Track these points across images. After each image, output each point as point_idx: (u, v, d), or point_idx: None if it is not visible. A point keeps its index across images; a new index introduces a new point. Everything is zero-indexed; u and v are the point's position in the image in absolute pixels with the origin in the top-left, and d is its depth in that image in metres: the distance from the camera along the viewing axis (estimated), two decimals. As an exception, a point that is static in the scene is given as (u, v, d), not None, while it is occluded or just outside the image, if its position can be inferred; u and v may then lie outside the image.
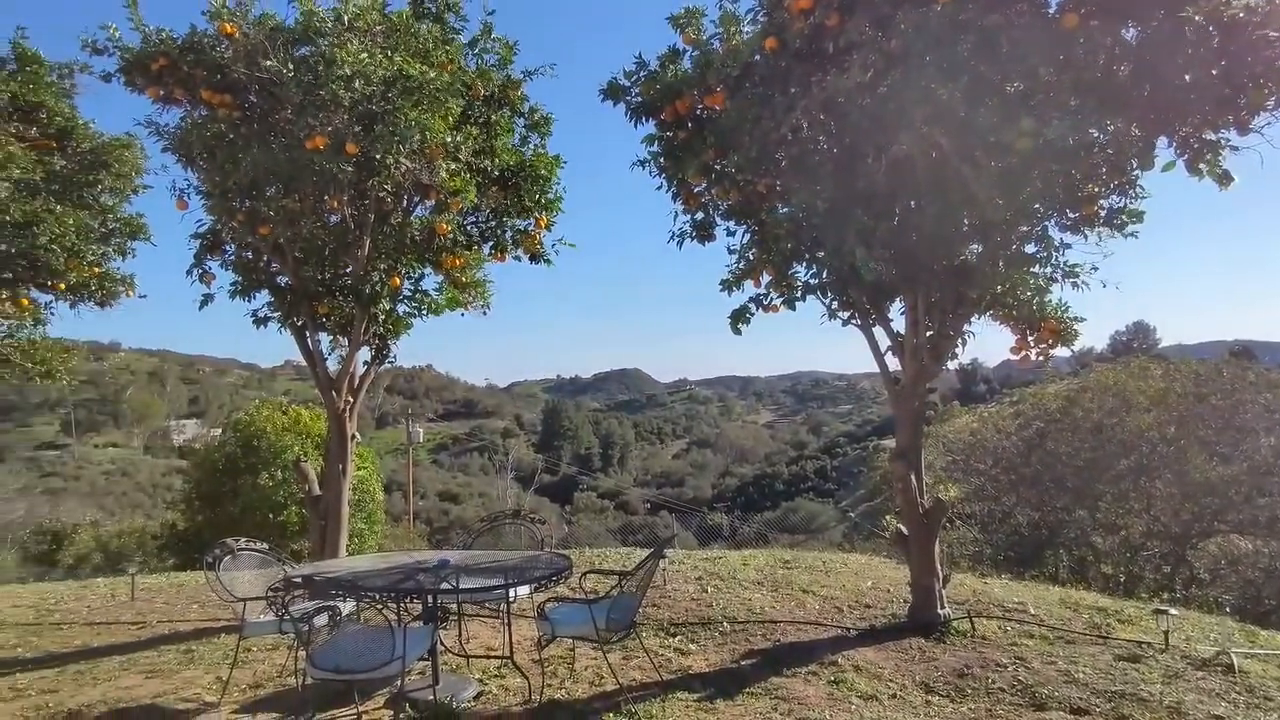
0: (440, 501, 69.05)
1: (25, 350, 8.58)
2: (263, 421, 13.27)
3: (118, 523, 23.08)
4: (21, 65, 7.57)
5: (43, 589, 9.59)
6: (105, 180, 8.01)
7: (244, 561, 5.34)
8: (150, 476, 70.09)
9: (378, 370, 7.37)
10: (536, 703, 4.54)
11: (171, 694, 5.01)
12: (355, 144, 5.35)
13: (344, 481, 6.81)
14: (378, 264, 6.64)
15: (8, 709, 4.80)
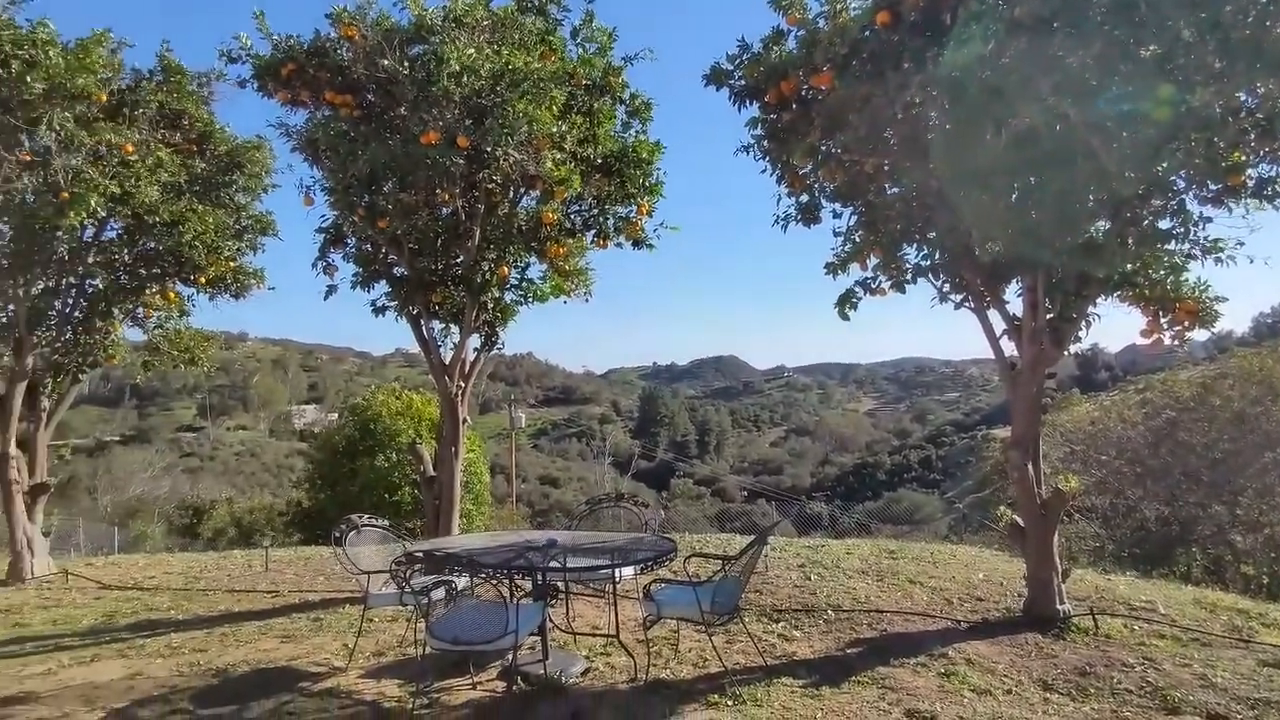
0: (540, 485, 70.87)
1: (173, 339, 9.37)
2: (378, 406, 13.99)
3: (249, 500, 24.94)
4: (167, 76, 8.21)
5: (188, 558, 10.48)
6: (239, 180, 8.62)
7: (366, 537, 5.67)
8: (275, 457, 75.06)
9: (487, 356, 7.63)
10: (642, 681, 4.62)
11: (304, 658, 5.39)
12: (466, 137, 5.55)
13: (456, 463, 7.10)
14: (487, 254, 6.87)
15: (166, 664, 5.30)
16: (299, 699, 4.59)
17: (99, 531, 21.73)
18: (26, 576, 8.15)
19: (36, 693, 4.80)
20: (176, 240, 8.11)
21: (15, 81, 7.08)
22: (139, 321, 9.35)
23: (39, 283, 8.18)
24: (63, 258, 8.12)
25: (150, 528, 23.98)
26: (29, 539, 8.26)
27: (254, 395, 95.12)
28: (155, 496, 29.08)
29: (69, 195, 7.22)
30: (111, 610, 6.96)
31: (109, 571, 8.85)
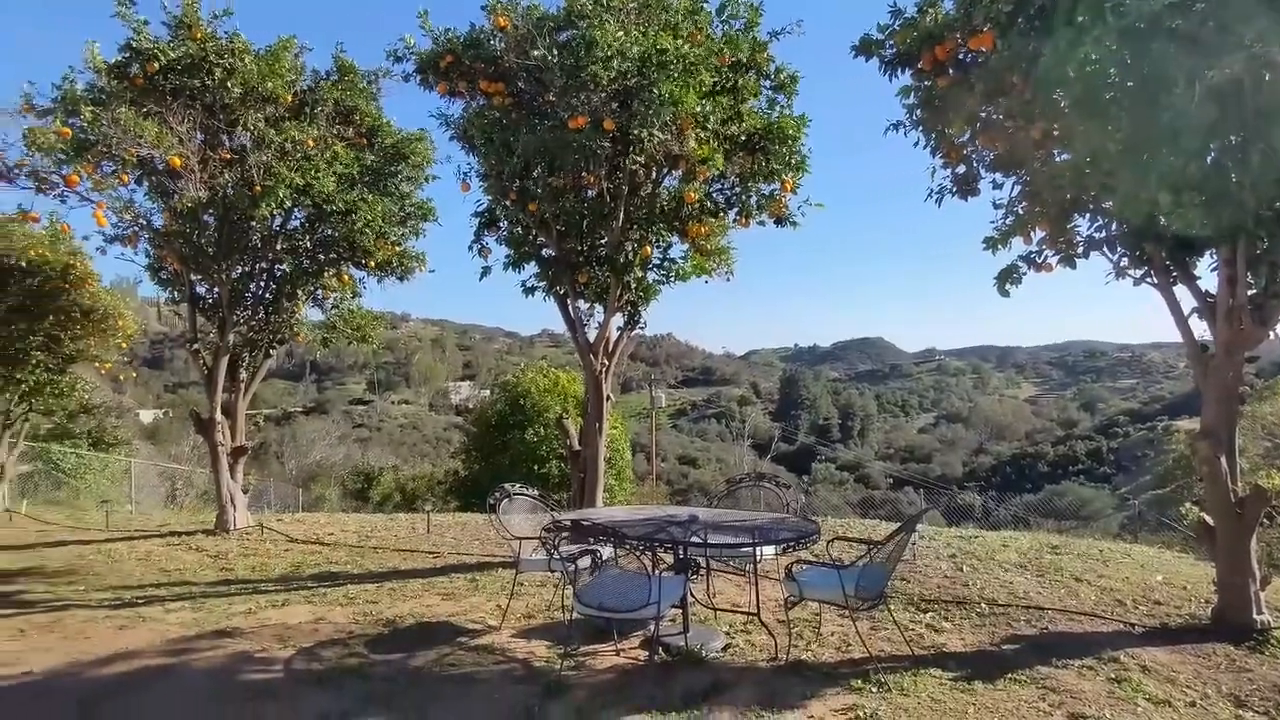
0: (679, 464, 71.58)
1: (347, 318, 10.23)
2: (528, 383, 14.66)
3: (411, 468, 26.92)
4: (341, 76, 8.91)
5: (361, 519, 11.47)
6: (404, 170, 9.22)
7: (518, 505, 5.98)
8: (434, 430, 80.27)
9: (630, 335, 7.79)
10: (783, 660, 4.61)
11: (462, 615, 5.77)
12: (612, 120, 5.65)
13: (601, 438, 7.33)
14: (630, 234, 6.99)
15: (344, 612, 5.85)
16: (458, 652, 4.93)
17: (285, 491, 24.26)
18: (230, 528, 9.24)
19: (241, 629, 5.46)
20: (350, 227, 8.83)
21: (218, 88, 7.94)
22: (318, 302, 10.29)
23: (237, 268, 9.17)
24: (256, 245, 9.04)
25: (328, 490, 26.47)
26: (232, 495, 9.36)
27: (415, 372, 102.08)
28: (332, 462, 32.03)
29: (261, 189, 8.05)
30: (299, 561, 7.77)
31: (295, 527, 9.86)
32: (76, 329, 11.16)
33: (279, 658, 4.84)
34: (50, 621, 5.72)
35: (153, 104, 7.66)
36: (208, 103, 8.10)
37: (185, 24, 7.81)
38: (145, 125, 7.30)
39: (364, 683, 4.39)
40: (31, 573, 7.54)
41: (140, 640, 5.25)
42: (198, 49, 7.77)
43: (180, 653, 4.99)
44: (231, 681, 4.48)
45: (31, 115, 7.71)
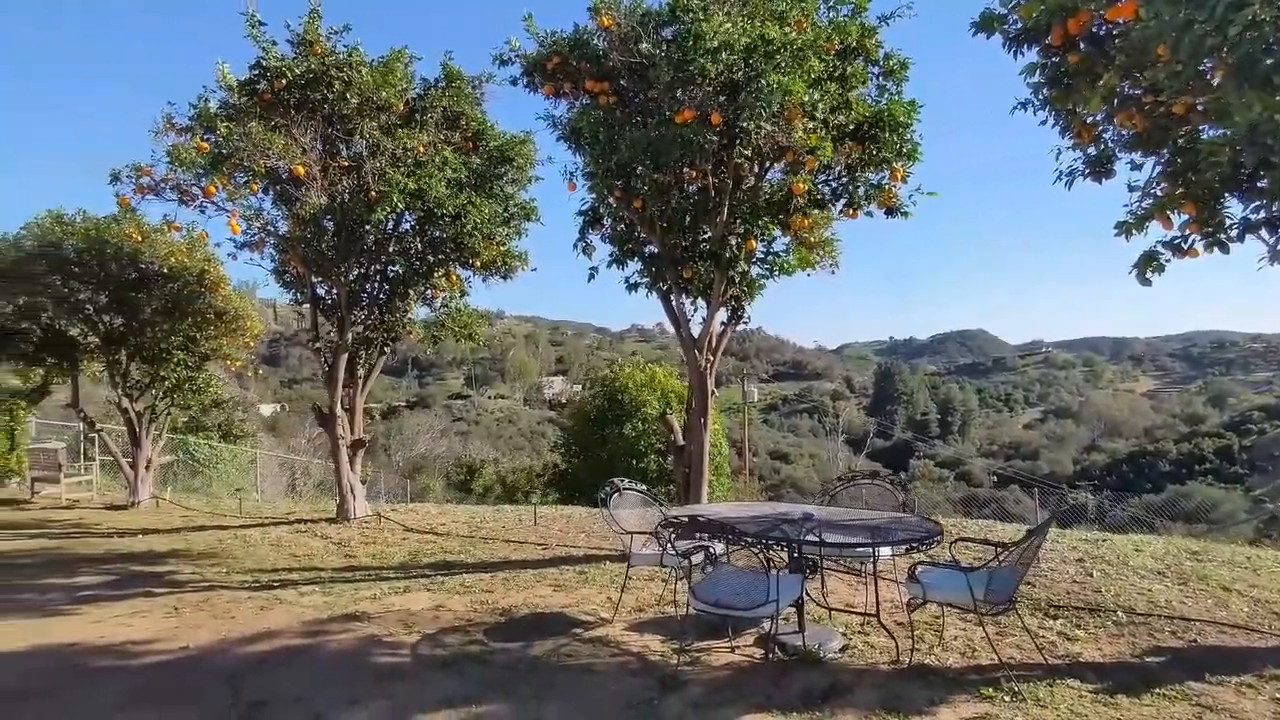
0: (771, 460, 70.77)
1: (454, 317, 10.58)
2: (625, 379, 14.79)
3: (511, 461, 27.66)
4: (449, 82, 9.19)
5: (469, 510, 11.86)
6: (509, 173, 9.44)
7: (628, 500, 6.04)
8: (528, 424, 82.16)
9: (734, 330, 7.74)
10: (905, 664, 4.47)
11: (574, 606, 5.88)
12: (719, 113, 5.61)
13: (706, 434, 7.31)
14: (734, 228, 6.93)
15: (462, 600, 6.06)
16: (573, 643, 5.02)
17: (393, 482, 25.38)
18: (351, 516, 9.73)
19: (368, 613, 5.73)
20: (458, 229, 9.11)
21: (337, 100, 8.34)
22: (428, 302, 10.70)
23: (355, 270, 9.62)
24: (371, 248, 9.46)
25: (432, 481, 27.52)
26: (352, 485, 9.86)
27: (510, 367, 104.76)
28: (435, 455, 33.29)
29: (377, 194, 8.41)
30: (415, 550, 8.10)
31: (409, 517, 10.29)
32: (211, 329, 12.01)
33: (405, 642, 5.06)
34: (199, 601, 6.18)
35: (279, 117, 8.13)
36: (327, 114, 8.53)
37: (307, 41, 8.23)
38: (273, 138, 7.75)
39: (486, 669, 4.53)
40: (179, 555, 8.17)
41: (279, 621, 5.59)
42: (319, 64, 8.18)
43: (315, 634, 5.28)
44: (363, 663, 4.71)
45: (173, 133, 8.33)
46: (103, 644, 5.14)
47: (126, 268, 10.84)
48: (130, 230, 10.79)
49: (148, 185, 8.25)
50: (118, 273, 10.80)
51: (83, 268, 10.60)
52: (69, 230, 10.81)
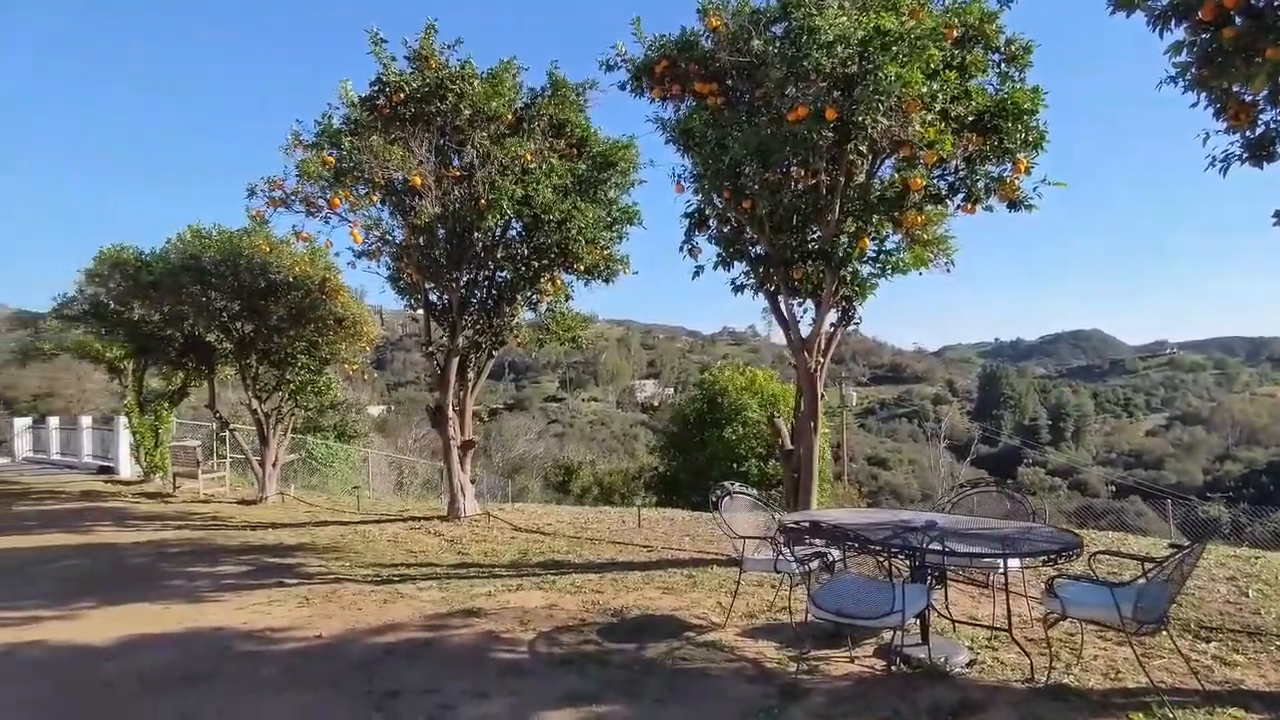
0: (868, 465, 68.75)
1: (559, 320, 10.78)
2: (725, 381, 14.69)
3: (607, 463, 27.95)
4: (555, 90, 9.38)
5: (572, 510, 12.06)
6: (613, 177, 9.55)
7: (738, 504, 5.96)
8: (621, 427, 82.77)
9: (844, 332, 7.55)
10: (1041, 683, 4.23)
11: (684, 610, 5.86)
12: (834, 109, 5.49)
13: (815, 437, 7.16)
14: (845, 227, 6.76)
15: (574, 599, 6.14)
16: (687, 646, 5.00)
17: (494, 482, 26.10)
18: (461, 515, 10.06)
19: (484, 609, 5.89)
20: (564, 234, 9.29)
21: (450, 112, 8.65)
22: (533, 306, 10.94)
23: (465, 276, 9.95)
24: (480, 254, 9.76)
25: (530, 482, 28.15)
26: (462, 485, 10.18)
27: (603, 370, 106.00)
28: (533, 456, 34.04)
29: (487, 202, 8.66)
30: (524, 549, 8.28)
31: (516, 516, 10.55)
32: (331, 335, 12.68)
33: (522, 639, 5.16)
34: (328, 592, 6.51)
35: (397, 130, 8.50)
36: (440, 125, 8.86)
37: (423, 56, 8.58)
38: (392, 150, 8.11)
39: (604, 669, 4.56)
40: (306, 548, 8.64)
41: (402, 614, 5.82)
42: (434, 78, 8.51)
43: (437, 628, 5.46)
44: (485, 658, 4.83)
45: (300, 149, 8.83)
46: (247, 629, 5.48)
47: (257, 277, 11.58)
48: (260, 242, 11.53)
49: (279, 198, 8.79)
50: (249, 282, 11.56)
51: (219, 278, 11.40)
52: (207, 243, 11.65)
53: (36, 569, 7.56)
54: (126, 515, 11.17)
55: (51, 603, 6.23)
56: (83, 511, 11.56)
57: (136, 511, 11.60)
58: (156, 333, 12.87)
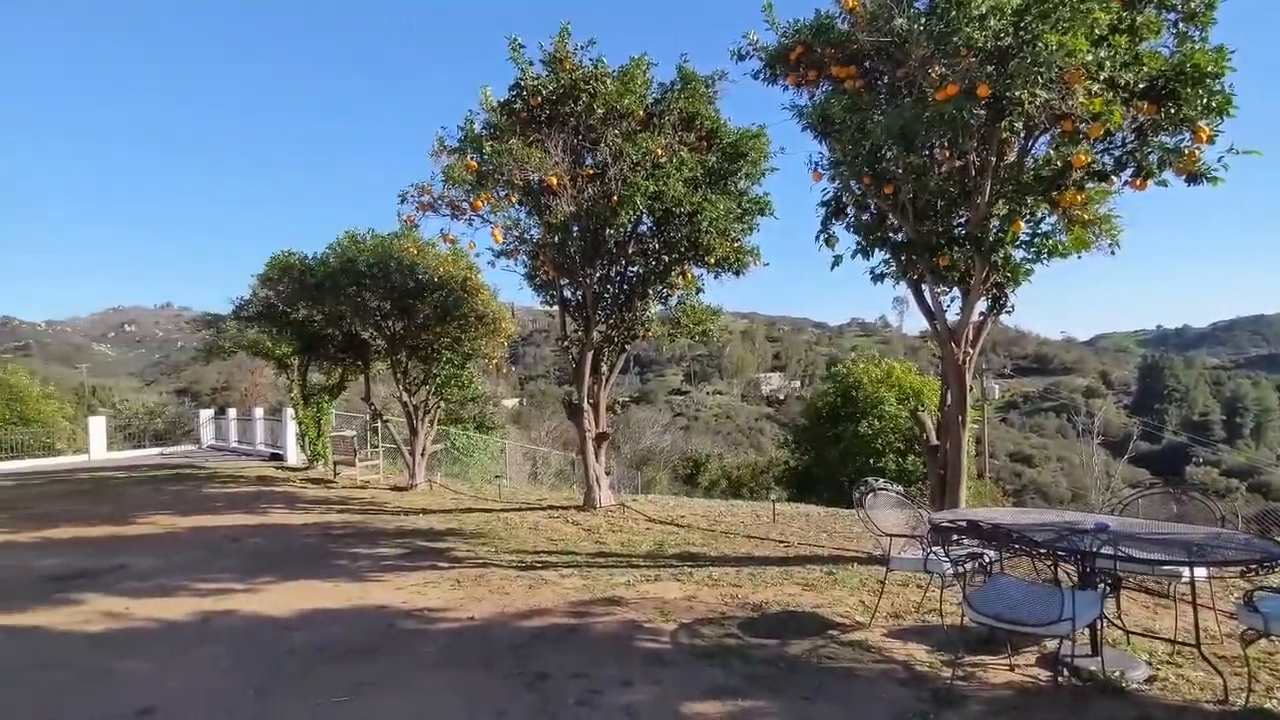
0: (1011, 463, 64.83)
1: (689, 314, 10.80)
2: (859, 374, 14.25)
3: (735, 457, 27.81)
4: (685, 84, 9.39)
5: (704, 503, 12.08)
6: (743, 168, 9.45)
7: (882, 500, 5.77)
8: (746, 420, 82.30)
9: (994, 321, 7.14)
10: (1237, 707, 3.83)
11: (826, 607, 5.73)
12: (987, 85, 5.17)
13: (964, 432, 6.81)
14: (997, 209, 6.38)
15: (712, 593, 6.15)
16: (831, 645, 4.90)
17: (623, 474, 26.58)
18: (597, 505, 10.30)
19: (625, 599, 6.00)
20: (694, 227, 9.29)
21: (584, 112, 8.84)
22: (664, 300, 11.02)
23: (598, 272, 10.16)
24: (612, 250, 9.93)
25: (658, 474, 28.45)
26: (597, 476, 10.43)
27: (727, 363, 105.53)
28: (660, 449, 34.39)
29: (619, 198, 8.79)
30: (660, 540, 8.38)
31: (650, 507, 10.69)
32: (472, 331, 13.30)
33: (664, 630, 5.22)
34: (477, 576, 6.84)
35: (534, 133, 8.78)
36: (575, 126, 9.08)
37: (558, 59, 8.82)
38: (530, 153, 8.39)
39: (746, 664, 4.54)
40: (454, 534, 9.12)
41: (547, 600, 6.03)
42: (568, 79, 8.73)
43: (580, 614, 5.62)
44: (629, 646, 4.92)
45: (445, 155, 9.30)
46: (407, 609, 5.85)
47: (406, 278, 12.32)
48: (409, 245, 12.25)
49: (427, 203, 9.31)
50: (399, 282, 12.32)
51: (372, 279, 12.21)
52: (361, 247, 12.52)
53: (225, 546, 8.39)
54: (295, 499, 12.20)
55: (238, 577, 6.90)
56: (258, 495, 12.73)
57: (304, 496, 12.65)
58: (319, 331, 13.99)
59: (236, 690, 4.30)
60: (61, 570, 7.24)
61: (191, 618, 5.68)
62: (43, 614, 5.81)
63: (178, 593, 6.38)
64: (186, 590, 6.45)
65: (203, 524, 9.78)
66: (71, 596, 6.28)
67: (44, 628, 5.50)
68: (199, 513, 10.68)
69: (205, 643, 5.14)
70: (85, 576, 6.98)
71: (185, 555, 7.91)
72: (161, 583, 6.70)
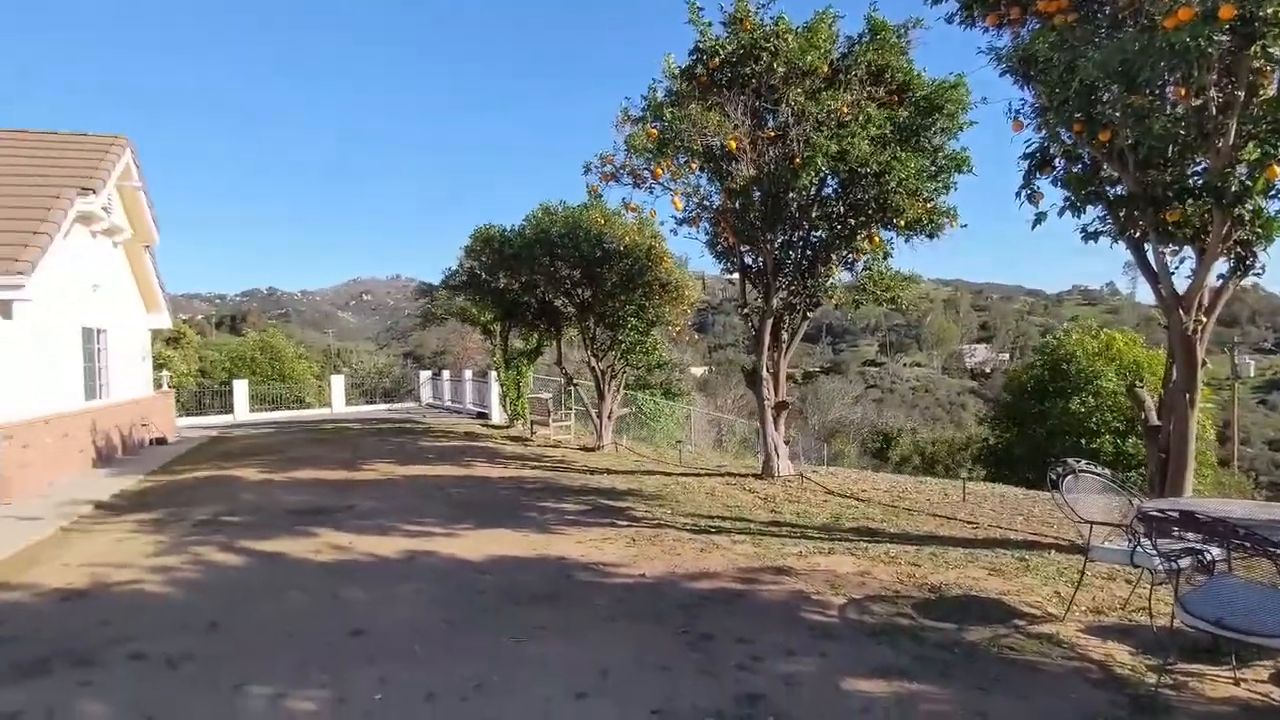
0: (1270, 451, 55.87)
1: (876, 280, 10.31)
2: (1072, 346, 12.88)
3: (929, 432, 26.32)
4: (874, 35, 8.86)
5: (888, 478, 11.60)
6: (938, 122, 8.79)
7: (1085, 484, 5.23)
8: (947, 394, 77.51)
9: (1236, 285, 6.14)
10: None
11: (1013, 595, 5.31)
12: (1232, 5, 4.39)
13: (1192, 412, 5.97)
14: (1245, 154, 5.44)
15: (887, 570, 5.92)
16: (1016, 636, 4.54)
17: (809, 445, 26.10)
18: (775, 474, 10.23)
19: (795, 569, 5.94)
20: (882, 188, 8.80)
21: (765, 72, 8.63)
22: (849, 266, 10.59)
23: (779, 238, 9.95)
24: (794, 215, 9.67)
25: (846, 447, 27.62)
26: (776, 445, 10.34)
27: (927, 334, 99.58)
28: (849, 421, 33.34)
29: (801, 160, 8.52)
30: (837, 513, 8.17)
31: (830, 480, 10.44)
32: (656, 299, 13.60)
33: (832, 603, 5.11)
34: (651, 536, 7.07)
35: (713, 97, 8.72)
36: (755, 87, 8.90)
37: (737, 19, 8.66)
38: (710, 117, 8.35)
39: (918, 645, 4.34)
40: (634, 494, 9.47)
41: (717, 564, 6.11)
42: (748, 39, 8.55)
43: (749, 581, 5.65)
44: (795, 617, 4.87)
45: (628, 125, 9.50)
46: (585, 562, 6.19)
47: (594, 247, 12.83)
48: (596, 215, 12.72)
49: (610, 173, 9.59)
50: (588, 251, 12.85)
51: (563, 249, 12.83)
52: (553, 219, 13.17)
53: (433, 494, 9.32)
54: (495, 454, 13.24)
55: (441, 522, 7.65)
56: (464, 449, 13.96)
57: (503, 451, 13.70)
58: (516, 299, 14.97)
59: (432, 622, 4.80)
60: (302, 506, 8.43)
61: (400, 555, 6.40)
62: (286, 542, 6.82)
63: (391, 532, 7.20)
64: (398, 531, 7.26)
65: (416, 473, 10.91)
66: (309, 529, 7.31)
67: (286, 554, 6.45)
68: (414, 463, 11.92)
69: (410, 578, 5.77)
70: (321, 513, 8.07)
71: (400, 500, 8.88)
72: (379, 523, 7.59)
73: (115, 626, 4.77)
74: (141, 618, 4.96)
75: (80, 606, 5.22)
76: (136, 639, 4.52)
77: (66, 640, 4.55)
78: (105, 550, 6.69)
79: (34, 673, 4.07)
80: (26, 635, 4.65)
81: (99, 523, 7.88)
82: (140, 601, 5.33)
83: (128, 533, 7.34)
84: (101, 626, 4.78)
